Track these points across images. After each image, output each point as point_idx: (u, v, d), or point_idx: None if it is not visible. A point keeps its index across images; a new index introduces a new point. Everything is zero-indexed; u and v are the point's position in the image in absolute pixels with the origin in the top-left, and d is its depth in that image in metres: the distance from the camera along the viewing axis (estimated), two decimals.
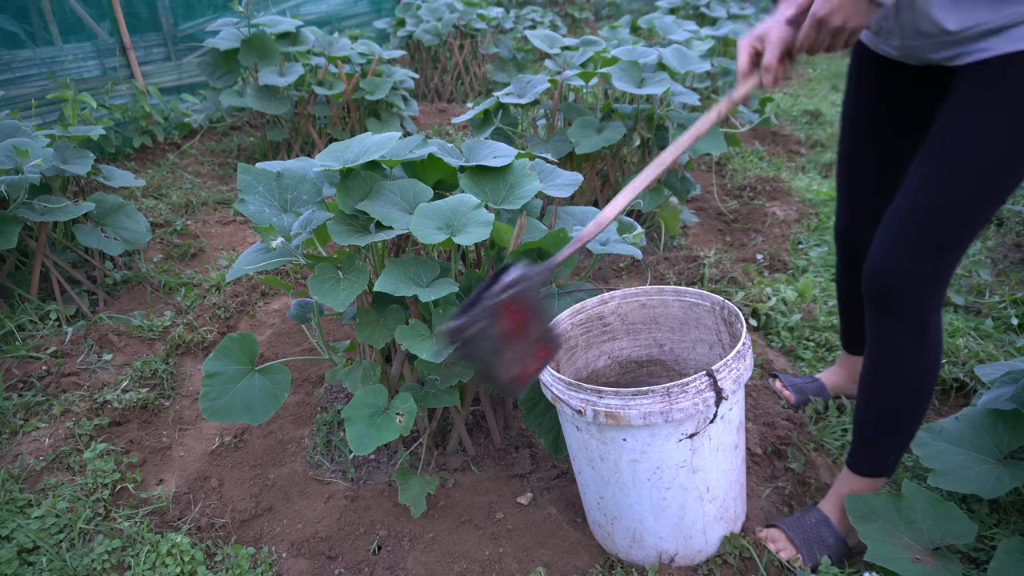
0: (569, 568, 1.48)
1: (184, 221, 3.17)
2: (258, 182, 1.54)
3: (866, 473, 1.45)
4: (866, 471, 1.45)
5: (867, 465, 1.45)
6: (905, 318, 1.30)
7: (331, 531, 1.64)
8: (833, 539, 1.45)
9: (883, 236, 1.30)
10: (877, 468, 1.45)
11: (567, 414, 1.33)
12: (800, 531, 1.47)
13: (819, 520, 1.48)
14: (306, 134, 3.89)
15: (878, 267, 1.29)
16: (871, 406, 1.41)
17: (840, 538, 1.45)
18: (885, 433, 1.41)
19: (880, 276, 1.29)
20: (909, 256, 1.26)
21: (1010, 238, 2.83)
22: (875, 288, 1.31)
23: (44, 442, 1.86)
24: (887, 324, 1.32)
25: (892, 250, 1.27)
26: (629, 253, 1.55)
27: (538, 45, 3.09)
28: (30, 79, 3.75)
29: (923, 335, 1.31)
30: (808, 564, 1.42)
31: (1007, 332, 2.20)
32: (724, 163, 3.82)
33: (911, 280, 1.27)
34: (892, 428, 1.40)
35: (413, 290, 1.39)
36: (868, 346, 1.38)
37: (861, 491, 1.45)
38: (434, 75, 5.42)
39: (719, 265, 2.69)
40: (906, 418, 1.38)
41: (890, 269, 1.28)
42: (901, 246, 1.26)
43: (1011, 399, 1.50)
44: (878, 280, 1.30)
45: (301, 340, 2.37)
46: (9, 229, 2.17)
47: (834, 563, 1.43)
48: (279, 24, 3.63)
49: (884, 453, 1.43)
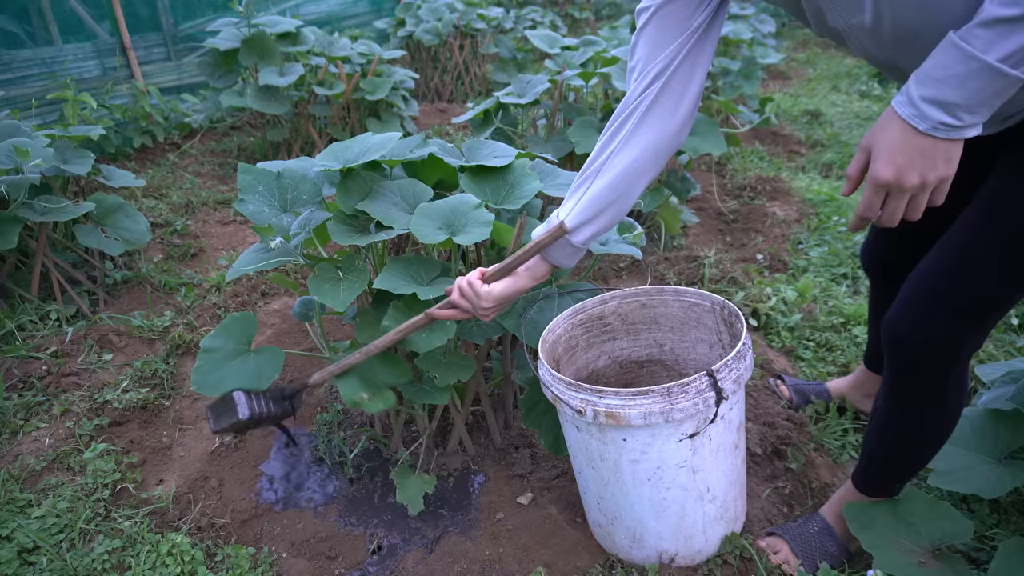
0: (569, 568, 1.48)
1: (184, 221, 3.17)
2: (258, 182, 1.54)
3: (871, 495, 1.41)
4: (871, 493, 1.41)
5: (872, 489, 1.41)
6: (924, 379, 1.21)
7: (331, 531, 1.64)
8: (835, 547, 1.44)
9: (907, 297, 1.18)
10: (882, 492, 1.40)
11: (567, 414, 1.33)
12: (801, 540, 1.45)
13: (821, 528, 1.46)
14: (306, 134, 3.89)
15: (896, 328, 1.19)
16: (884, 444, 1.34)
17: (842, 545, 1.44)
18: (894, 467, 1.36)
19: (898, 338, 1.19)
20: (932, 323, 1.14)
21: None
22: (892, 348, 1.22)
23: (44, 442, 1.86)
24: (905, 381, 1.24)
25: (914, 314, 1.16)
26: (629, 253, 1.55)
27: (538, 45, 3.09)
28: (30, 79, 3.75)
29: (943, 395, 1.22)
30: (808, 570, 1.40)
31: (1007, 332, 2.20)
32: (724, 163, 3.82)
33: (931, 348, 1.17)
34: (903, 464, 1.35)
35: (413, 288, 1.39)
36: (885, 391, 1.29)
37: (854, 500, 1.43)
38: (434, 75, 5.42)
39: (719, 265, 2.69)
40: (918, 457, 1.33)
41: (909, 333, 1.17)
42: (926, 312, 1.14)
43: (1011, 399, 1.50)
44: (895, 341, 1.20)
45: (301, 340, 2.38)
46: (9, 229, 2.17)
47: (835, 569, 1.42)
48: (279, 24, 3.63)
49: (891, 481, 1.39)
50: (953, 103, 0.87)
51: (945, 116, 0.88)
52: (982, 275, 1.09)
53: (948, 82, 0.86)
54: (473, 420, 1.91)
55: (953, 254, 1.12)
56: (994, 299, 1.11)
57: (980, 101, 0.86)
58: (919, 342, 1.17)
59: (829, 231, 2.98)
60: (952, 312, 1.13)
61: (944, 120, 0.88)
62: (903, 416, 1.28)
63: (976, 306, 1.12)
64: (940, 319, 1.14)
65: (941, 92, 0.87)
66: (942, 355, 1.17)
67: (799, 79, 6.02)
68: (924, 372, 1.20)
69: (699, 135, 2.58)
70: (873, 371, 1.82)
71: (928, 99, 0.88)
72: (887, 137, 0.93)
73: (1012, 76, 0.83)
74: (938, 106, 0.88)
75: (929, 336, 1.15)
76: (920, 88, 0.89)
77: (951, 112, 0.87)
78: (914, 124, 0.90)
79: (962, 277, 1.11)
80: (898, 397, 1.27)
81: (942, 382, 1.20)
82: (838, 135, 4.39)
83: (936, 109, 0.88)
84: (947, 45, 0.86)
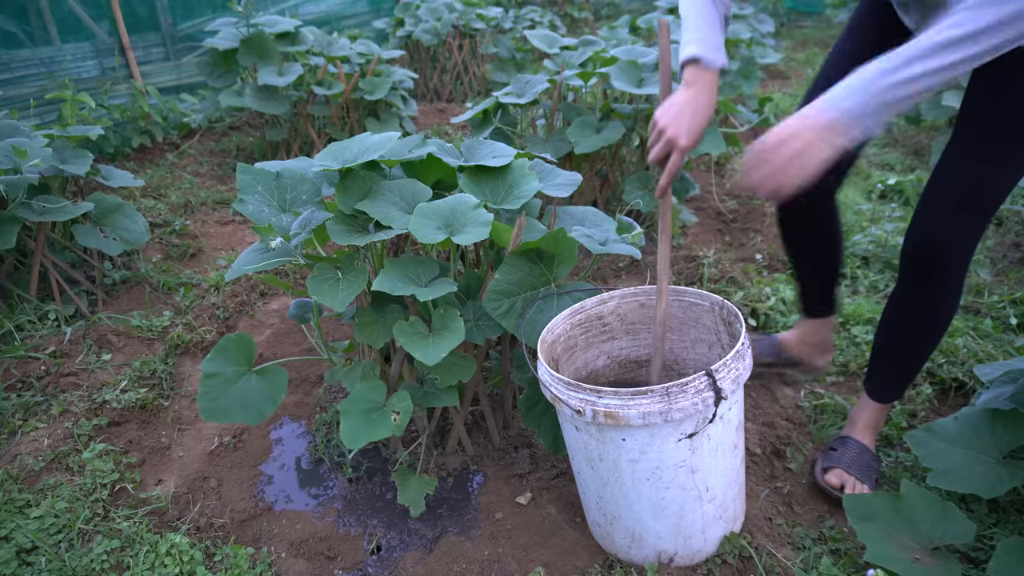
0: (568, 568, 1.48)
1: (183, 221, 3.17)
2: (257, 182, 1.54)
3: (882, 400, 1.66)
4: (882, 398, 1.65)
5: (883, 394, 1.65)
6: (944, 276, 1.42)
7: (330, 531, 1.64)
8: (873, 460, 1.65)
9: (929, 205, 1.40)
10: (892, 395, 1.65)
11: (566, 414, 1.33)
12: (854, 466, 1.63)
13: (860, 449, 1.65)
14: (305, 134, 3.89)
15: (926, 236, 1.40)
16: (894, 345, 1.58)
17: (877, 459, 1.67)
18: (905, 367, 1.60)
19: (925, 242, 1.40)
20: (954, 221, 1.37)
21: (1009, 238, 2.83)
22: (921, 253, 1.42)
23: (43, 442, 1.86)
24: (926, 281, 1.44)
25: (938, 217, 1.38)
26: (628, 253, 1.55)
27: (537, 45, 3.09)
28: (29, 79, 3.75)
29: (954, 290, 1.45)
30: (871, 489, 1.59)
31: (1006, 332, 2.20)
32: (724, 163, 3.82)
33: (954, 242, 1.38)
34: (911, 362, 1.58)
35: (411, 289, 1.39)
36: (903, 299, 1.51)
37: (876, 416, 1.67)
38: (433, 75, 5.42)
39: (718, 265, 2.69)
40: (924, 352, 1.56)
41: (936, 236, 1.39)
42: (947, 212, 1.37)
43: (1010, 399, 1.50)
44: (923, 245, 1.41)
45: (300, 340, 2.37)
46: (8, 229, 2.17)
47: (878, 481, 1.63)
48: (278, 24, 3.63)
49: (900, 383, 1.63)
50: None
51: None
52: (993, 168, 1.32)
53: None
54: (472, 420, 1.91)
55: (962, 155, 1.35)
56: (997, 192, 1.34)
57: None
58: (945, 237, 1.38)
59: None
60: (971, 203, 1.35)
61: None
62: (913, 309, 1.49)
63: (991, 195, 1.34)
64: (960, 211, 1.36)
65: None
66: (962, 244, 1.39)
67: (798, 79, 6.02)
68: (947, 265, 1.41)
69: None
70: (814, 317, 1.92)
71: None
72: None
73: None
74: None
75: (953, 229, 1.37)
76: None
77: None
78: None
79: (973, 174, 1.34)
80: (913, 294, 1.47)
81: (959, 271, 1.42)
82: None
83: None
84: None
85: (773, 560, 1.44)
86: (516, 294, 1.52)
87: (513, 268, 1.51)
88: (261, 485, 1.80)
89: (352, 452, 1.83)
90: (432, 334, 1.44)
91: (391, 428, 1.44)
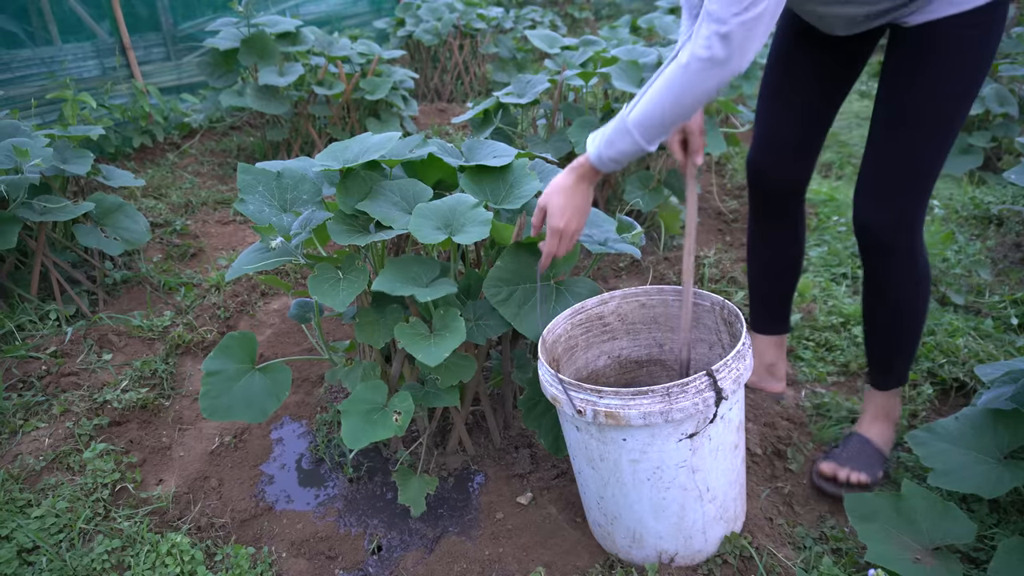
0: (569, 568, 1.48)
1: (184, 221, 3.17)
2: (258, 182, 1.54)
3: (885, 387, 1.68)
4: (886, 386, 1.68)
5: (885, 381, 1.67)
6: (897, 254, 1.49)
7: (331, 531, 1.64)
8: (876, 452, 1.66)
9: (866, 188, 1.49)
10: (894, 381, 1.67)
11: (567, 414, 1.33)
12: (850, 458, 1.65)
13: (860, 441, 1.68)
14: (306, 134, 3.89)
15: (866, 215, 1.49)
16: (877, 331, 1.64)
17: (881, 450, 1.67)
18: (894, 351, 1.63)
19: (870, 223, 1.49)
20: (894, 200, 1.45)
21: (1010, 238, 2.83)
22: (869, 233, 1.50)
23: (44, 442, 1.86)
24: (884, 261, 1.51)
25: (877, 198, 1.47)
26: (629, 253, 1.55)
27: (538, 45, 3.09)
28: (29, 79, 3.75)
29: (913, 263, 1.51)
30: (870, 480, 1.61)
31: (1007, 332, 2.20)
32: (724, 163, 3.82)
33: (897, 222, 1.46)
34: (901, 346, 1.62)
35: (412, 290, 1.39)
36: (867, 282, 1.59)
37: (886, 406, 1.69)
38: (434, 75, 5.42)
39: (719, 265, 2.69)
40: (911, 333, 1.60)
41: (879, 215, 1.47)
42: (886, 193, 1.46)
43: (1011, 399, 1.50)
44: (868, 226, 1.50)
45: (301, 340, 2.37)
46: (9, 229, 2.17)
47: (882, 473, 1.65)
48: (279, 24, 3.63)
49: (896, 367, 1.65)
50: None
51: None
52: (918, 150, 1.40)
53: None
54: (473, 420, 1.91)
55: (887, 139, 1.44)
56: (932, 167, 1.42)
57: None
58: (889, 215, 1.46)
59: (828, 231, 2.98)
60: (906, 181, 1.43)
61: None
62: (884, 292, 1.56)
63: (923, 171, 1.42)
64: (898, 190, 1.44)
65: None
66: (908, 219, 1.46)
67: None
68: (896, 241, 1.48)
69: None
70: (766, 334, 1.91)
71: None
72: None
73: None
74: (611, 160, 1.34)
75: (896, 206, 1.45)
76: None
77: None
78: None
79: (902, 155, 1.42)
80: (877, 276, 1.55)
81: (911, 246, 1.49)
82: (837, 135, 4.39)
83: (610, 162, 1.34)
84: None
85: (774, 560, 1.44)
86: (516, 283, 1.52)
87: (514, 258, 1.52)
88: (262, 485, 1.80)
89: (353, 452, 1.83)
90: (433, 334, 1.44)
91: (392, 428, 1.44)
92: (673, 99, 1.23)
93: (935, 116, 1.37)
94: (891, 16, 1.37)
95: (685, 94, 1.22)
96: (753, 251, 1.84)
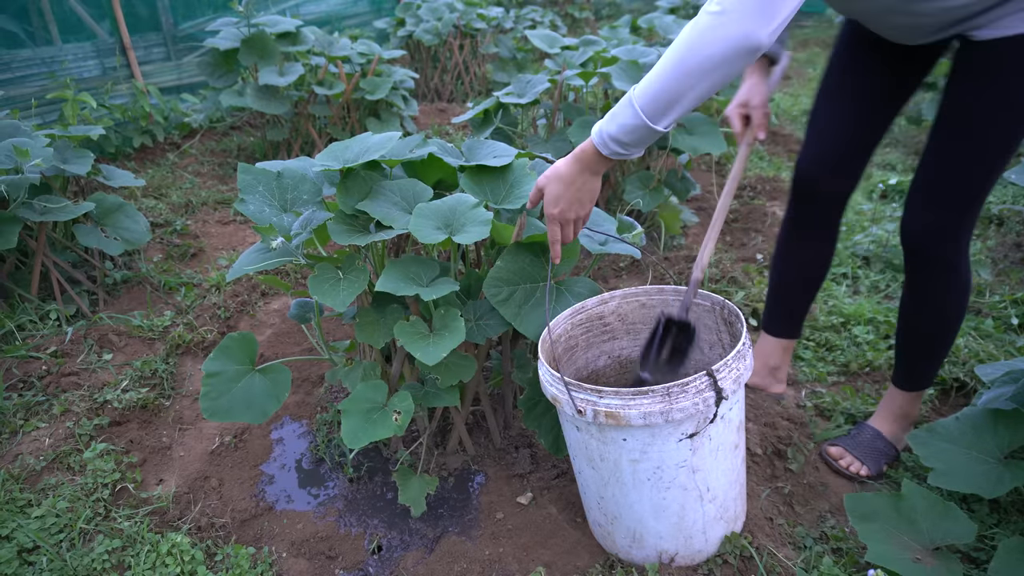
0: (569, 568, 1.48)
1: (184, 221, 3.17)
2: (258, 182, 1.54)
3: (911, 389, 1.68)
4: (910, 388, 1.68)
5: (911, 383, 1.67)
6: (943, 264, 1.49)
7: (331, 531, 1.64)
8: (887, 447, 1.69)
9: (920, 197, 1.47)
10: (920, 384, 1.67)
11: (567, 414, 1.33)
12: (859, 446, 1.69)
13: (873, 434, 1.70)
14: (306, 134, 3.89)
15: (917, 224, 1.48)
16: (912, 336, 1.63)
17: (892, 446, 1.69)
18: (926, 357, 1.63)
19: (920, 232, 1.48)
20: (948, 212, 1.44)
21: (1010, 238, 2.83)
22: (918, 241, 1.49)
23: (44, 442, 1.86)
24: (930, 270, 1.51)
25: (930, 209, 1.45)
26: (629, 253, 1.55)
27: (538, 45, 3.09)
28: (30, 79, 3.75)
29: (957, 275, 1.50)
30: (873, 472, 1.65)
31: (1007, 332, 2.20)
32: (724, 163, 3.82)
33: (947, 233, 1.45)
34: (934, 353, 1.62)
35: (414, 290, 1.39)
36: (909, 289, 1.58)
37: (907, 406, 1.70)
38: (434, 75, 5.42)
39: (719, 265, 2.69)
40: (945, 341, 1.60)
41: (930, 225, 1.46)
42: (939, 204, 1.44)
43: (1011, 399, 1.50)
44: (917, 234, 1.49)
45: (301, 340, 2.38)
46: (9, 229, 2.17)
47: (889, 466, 1.68)
48: (279, 24, 3.63)
49: (926, 371, 1.66)
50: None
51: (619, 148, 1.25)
52: (977, 168, 1.38)
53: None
54: (473, 420, 1.91)
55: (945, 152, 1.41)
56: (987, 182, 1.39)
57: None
58: (937, 228, 1.45)
59: None
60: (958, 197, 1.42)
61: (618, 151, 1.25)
62: (925, 301, 1.55)
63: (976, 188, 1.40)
64: (949, 205, 1.43)
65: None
66: (955, 234, 1.45)
67: (799, 79, 6.01)
68: (942, 254, 1.47)
69: (699, 135, 2.58)
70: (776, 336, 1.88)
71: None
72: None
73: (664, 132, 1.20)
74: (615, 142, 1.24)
75: (944, 221, 1.44)
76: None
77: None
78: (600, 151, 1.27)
79: (957, 171, 1.40)
80: (920, 286, 1.54)
81: (956, 260, 1.48)
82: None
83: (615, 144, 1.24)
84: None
85: (774, 560, 1.44)
86: (516, 283, 1.51)
87: (515, 258, 1.52)
88: (262, 485, 1.80)
89: (353, 452, 1.83)
90: (433, 334, 1.44)
91: (392, 428, 1.44)
92: (677, 60, 1.09)
93: (997, 132, 1.35)
94: (960, 27, 1.34)
95: (691, 55, 1.08)
96: (786, 255, 1.79)
